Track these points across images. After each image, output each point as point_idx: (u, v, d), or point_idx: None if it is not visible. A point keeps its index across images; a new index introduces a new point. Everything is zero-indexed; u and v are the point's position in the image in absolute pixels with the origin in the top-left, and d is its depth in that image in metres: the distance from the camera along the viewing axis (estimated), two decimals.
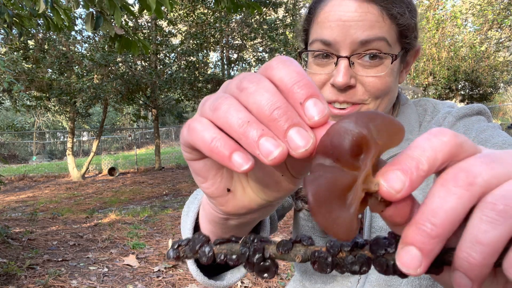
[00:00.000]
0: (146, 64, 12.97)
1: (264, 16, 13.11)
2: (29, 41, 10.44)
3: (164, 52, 13.03)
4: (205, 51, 13.26)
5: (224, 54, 15.51)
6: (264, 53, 14.67)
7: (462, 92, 14.63)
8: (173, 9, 6.78)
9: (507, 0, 11.93)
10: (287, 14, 13.43)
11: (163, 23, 13.08)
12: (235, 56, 15.34)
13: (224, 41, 14.04)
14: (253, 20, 12.78)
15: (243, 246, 0.32)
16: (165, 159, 16.39)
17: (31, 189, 10.65)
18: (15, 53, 9.97)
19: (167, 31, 13.24)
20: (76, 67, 11.17)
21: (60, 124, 26.68)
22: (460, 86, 14.11)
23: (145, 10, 2.94)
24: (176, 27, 13.54)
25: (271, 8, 13.20)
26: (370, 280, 0.77)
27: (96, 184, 11.10)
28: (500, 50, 13.60)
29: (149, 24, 12.78)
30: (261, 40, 13.72)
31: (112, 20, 3.04)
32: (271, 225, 0.79)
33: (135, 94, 12.76)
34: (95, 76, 11.01)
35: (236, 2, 3.48)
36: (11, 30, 3.53)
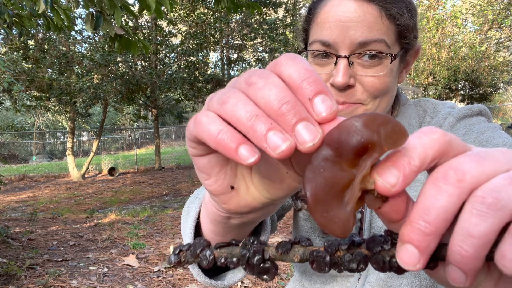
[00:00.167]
0: (146, 64, 12.97)
1: (264, 16, 13.12)
2: (29, 41, 10.44)
3: (164, 52, 13.03)
4: (205, 51, 13.27)
5: (224, 54, 15.52)
6: (264, 53, 14.67)
7: (462, 92, 14.63)
8: (173, 9, 6.78)
9: (507, 0, 11.93)
10: (287, 14, 13.43)
11: (163, 23, 13.08)
12: (235, 56, 15.34)
13: (224, 41, 14.04)
14: (253, 20, 12.78)
15: (243, 248, 0.33)
16: (165, 159, 16.40)
17: (31, 189, 10.66)
18: (15, 53, 9.97)
19: (167, 31, 13.24)
20: (76, 67, 11.18)
21: (60, 124, 26.68)
22: (460, 86, 14.11)
23: (145, 10, 2.94)
24: (176, 27, 13.55)
25: (271, 8, 13.20)
26: (370, 281, 0.77)
27: (96, 184, 11.10)
28: (500, 50, 13.61)
29: (149, 24, 12.78)
30: (261, 40, 13.72)
31: (112, 20, 3.04)
32: (271, 225, 0.79)
33: (135, 94, 12.76)
34: (95, 76, 11.01)
35: (236, 2, 3.48)
36: (11, 30, 3.53)
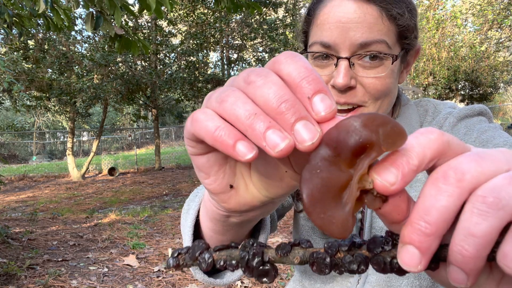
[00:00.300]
0: (146, 64, 12.97)
1: (264, 16, 13.12)
2: (29, 41, 10.44)
3: (164, 52, 13.03)
4: (205, 51, 13.27)
5: (224, 54, 15.52)
6: (264, 53, 14.68)
7: (462, 92, 14.63)
8: (173, 9, 6.78)
9: (507, 0, 11.93)
10: (287, 14, 13.43)
11: (163, 23, 13.08)
12: (235, 56, 15.34)
13: (224, 41, 14.04)
14: (253, 20, 12.78)
15: (243, 250, 0.33)
16: (165, 159, 16.40)
17: (31, 189, 10.65)
18: (15, 53, 9.97)
19: (167, 31, 13.24)
20: (76, 67, 11.18)
21: (60, 124, 26.68)
22: (460, 86, 14.11)
23: (145, 10, 2.94)
24: (176, 27, 13.55)
25: (271, 8, 13.20)
26: (370, 281, 0.77)
27: (96, 184, 11.10)
28: (500, 50, 13.61)
29: (149, 24, 12.78)
30: (261, 40, 13.72)
31: (112, 20, 3.04)
32: (271, 224, 0.79)
33: (135, 94, 12.76)
34: (95, 76, 11.01)
35: (236, 2, 3.48)
36: (11, 30, 3.53)
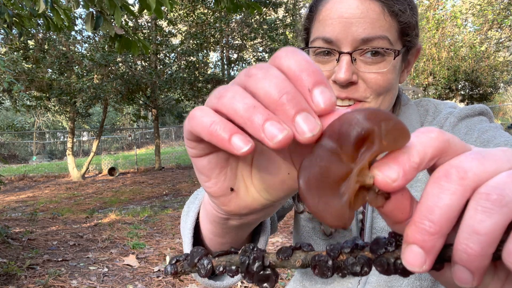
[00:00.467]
0: (146, 64, 12.97)
1: (264, 16, 13.12)
2: (29, 41, 10.44)
3: (164, 52, 13.03)
4: (205, 51, 13.27)
5: (224, 54, 15.52)
6: (264, 53, 14.68)
7: (462, 92, 14.64)
8: (173, 9, 6.78)
9: (507, 0, 11.93)
10: (287, 14, 13.44)
11: (163, 23, 13.08)
12: (235, 56, 15.35)
13: (224, 41, 14.04)
14: (253, 20, 12.78)
15: (243, 255, 0.32)
16: (165, 159, 16.39)
17: (31, 189, 10.65)
18: (15, 53, 9.97)
19: (167, 31, 13.24)
20: (76, 67, 11.18)
21: (60, 124, 26.68)
22: (460, 86, 14.11)
23: (145, 10, 2.94)
24: (176, 27, 13.55)
25: (271, 8, 13.20)
26: (371, 281, 0.77)
27: (96, 184, 11.10)
28: (500, 50, 13.61)
29: (149, 24, 12.78)
30: (261, 40, 13.73)
31: (112, 20, 3.04)
32: (271, 226, 0.79)
33: (135, 94, 12.76)
34: (95, 76, 11.01)
35: (236, 2, 3.48)
36: (11, 30, 3.53)
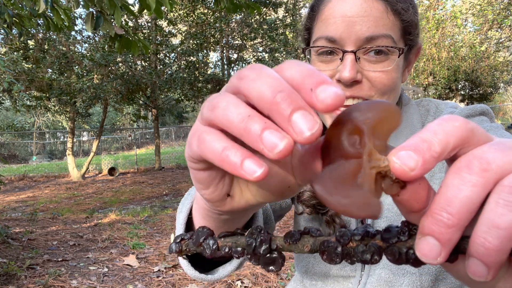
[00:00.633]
0: (146, 64, 12.96)
1: (264, 16, 13.11)
2: (29, 41, 10.44)
3: (164, 52, 13.02)
4: (205, 51, 13.26)
5: (224, 54, 15.51)
6: (264, 53, 14.67)
7: (462, 92, 14.63)
8: (173, 9, 6.78)
9: (507, 0, 11.93)
10: (287, 14, 13.43)
11: (163, 23, 13.08)
12: (235, 56, 15.34)
13: (224, 41, 14.04)
14: (253, 20, 12.77)
15: (250, 237, 0.32)
16: (165, 159, 16.39)
17: (31, 189, 10.65)
18: (15, 53, 9.97)
19: (167, 31, 13.24)
20: (76, 67, 11.17)
21: (60, 124, 26.67)
22: (460, 86, 14.11)
23: (145, 10, 2.94)
24: (176, 27, 13.54)
25: (271, 8, 13.19)
26: (371, 281, 0.77)
27: (96, 184, 11.10)
28: (500, 50, 13.60)
29: (149, 24, 12.77)
30: (261, 40, 13.72)
31: (112, 20, 3.04)
32: (268, 224, 0.79)
33: (135, 94, 12.76)
34: (95, 76, 11.01)
35: (236, 3, 3.47)
36: (11, 30, 3.53)
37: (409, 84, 12.20)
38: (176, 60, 13.35)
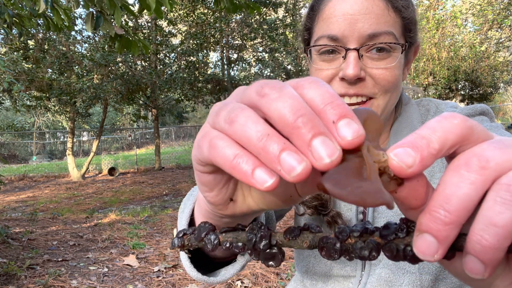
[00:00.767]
0: (146, 64, 12.97)
1: (264, 16, 13.11)
2: (29, 41, 10.44)
3: (164, 52, 13.02)
4: (205, 51, 13.26)
5: (224, 54, 15.51)
6: (264, 53, 14.67)
7: (462, 92, 14.63)
8: (173, 9, 6.78)
9: (507, 0, 11.93)
10: (287, 14, 13.43)
11: (163, 23, 13.08)
12: (235, 56, 15.34)
13: (224, 41, 14.04)
14: (253, 20, 12.78)
15: (250, 233, 0.32)
16: (165, 159, 16.39)
17: (31, 189, 10.65)
18: (15, 53, 9.97)
19: (167, 31, 13.24)
20: (76, 67, 11.17)
21: (60, 124, 26.68)
22: (460, 86, 14.11)
23: (145, 10, 2.94)
24: (176, 27, 13.54)
25: (271, 8, 13.20)
26: (371, 281, 0.77)
27: (96, 184, 11.10)
28: (500, 50, 13.60)
29: (149, 24, 12.78)
30: (261, 40, 13.71)
31: (112, 20, 3.04)
32: (269, 224, 0.79)
33: (135, 94, 12.76)
34: (95, 76, 11.01)
35: (236, 3, 3.47)
36: (11, 30, 3.53)
37: (409, 84, 12.20)
38: (176, 60, 13.35)
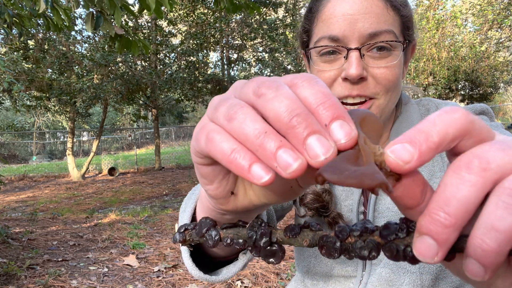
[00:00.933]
0: (146, 64, 12.96)
1: (264, 16, 13.11)
2: (29, 41, 10.44)
3: (164, 52, 13.02)
4: (205, 51, 13.26)
5: (224, 54, 15.50)
6: (264, 53, 14.66)
7: (462, 92, 14.62)
8: (173, 9, 6.78)
9: (507, 0, 11.93)
10: (287, 14, 13.42)
11: (163, 23, 13.08)
12: (235, 56, 15.34)
13: (224, 41, 14.03)
14: (253, 20, 12.77)
15: (250, 230, 0.33)
16: (165, 159, 16.39)
17: (31, 189, 10.65)
18: (15, 53, 9.97)
19: (167, 31, 13.24)
20: (76, 67, 11.17)
21: (60, 124, 26.67)
22: (460, 86, 14.10)
23: (145, 10, 2.94)
24: (176, 27, 13.54)
25: (271, 8, 13.20)
26: (372, 281, 0.77)
27: (96, 184, 11.10)
28: (500, 50, 13.60)
29: (149, 24, 12.77)
30: (261, 40, 13.71)
31: (112, 20, 3.04)
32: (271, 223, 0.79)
33: (135, 94, 12.76)
34: (95, 76, 11.01)
35: (236, 3, 3.47)
36: (11, 30, 3.53)
37: (409, 84, 12.20)
38: (176, 60, 13.35)
